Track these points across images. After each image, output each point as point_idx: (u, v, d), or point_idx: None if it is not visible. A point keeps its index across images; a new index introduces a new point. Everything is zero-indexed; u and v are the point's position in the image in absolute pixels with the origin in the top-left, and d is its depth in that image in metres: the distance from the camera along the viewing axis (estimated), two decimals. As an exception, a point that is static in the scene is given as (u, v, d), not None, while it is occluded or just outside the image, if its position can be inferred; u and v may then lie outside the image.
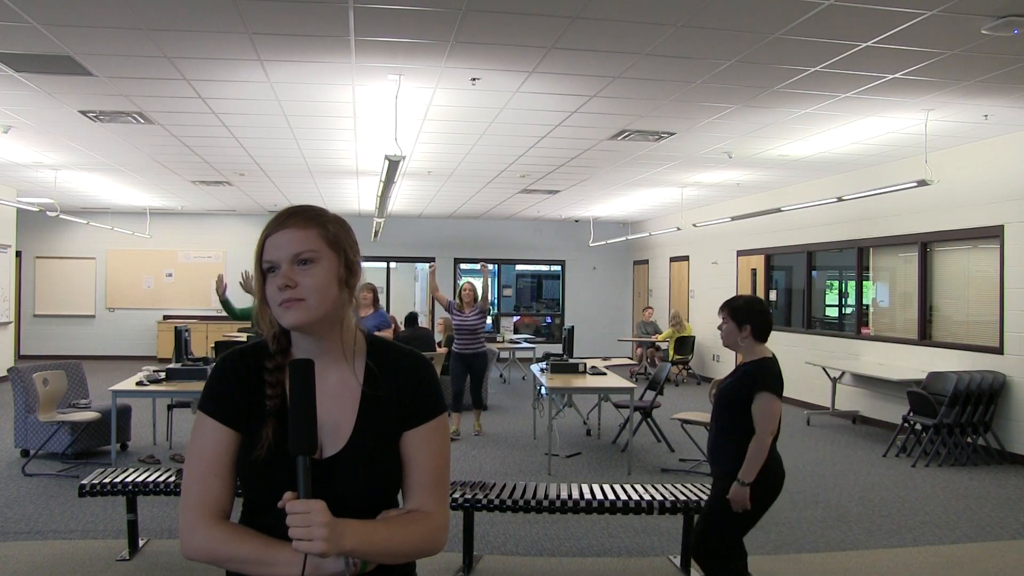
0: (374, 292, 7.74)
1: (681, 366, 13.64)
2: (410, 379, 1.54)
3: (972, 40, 4.68)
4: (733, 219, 11.09)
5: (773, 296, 12.22)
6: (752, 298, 3.65)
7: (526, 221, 16.85)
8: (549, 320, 18.41)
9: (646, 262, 17.02)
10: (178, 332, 8.00)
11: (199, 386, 5.84)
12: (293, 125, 7.45)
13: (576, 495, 4.37)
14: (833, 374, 9.64)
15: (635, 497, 4.34)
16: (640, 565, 4.66)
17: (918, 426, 7.67)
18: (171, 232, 16.12)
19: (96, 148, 8.67)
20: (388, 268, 17.49)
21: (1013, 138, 7.35)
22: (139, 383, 6.78)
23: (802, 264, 11.22)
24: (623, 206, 13.87)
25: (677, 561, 4.61)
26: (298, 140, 8.18)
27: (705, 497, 4.17)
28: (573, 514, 4.37)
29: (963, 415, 7.30)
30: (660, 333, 14.47)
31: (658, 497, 4.34)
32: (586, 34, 4.77)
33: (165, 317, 16.11)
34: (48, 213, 11.13)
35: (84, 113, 6.94)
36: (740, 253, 12.71)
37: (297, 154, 8.98)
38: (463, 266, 17.52)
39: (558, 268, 17.95)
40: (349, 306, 1.52)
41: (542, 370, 7.92)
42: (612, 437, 8.32)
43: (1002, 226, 7.47)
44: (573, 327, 9.31)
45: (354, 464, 1.47)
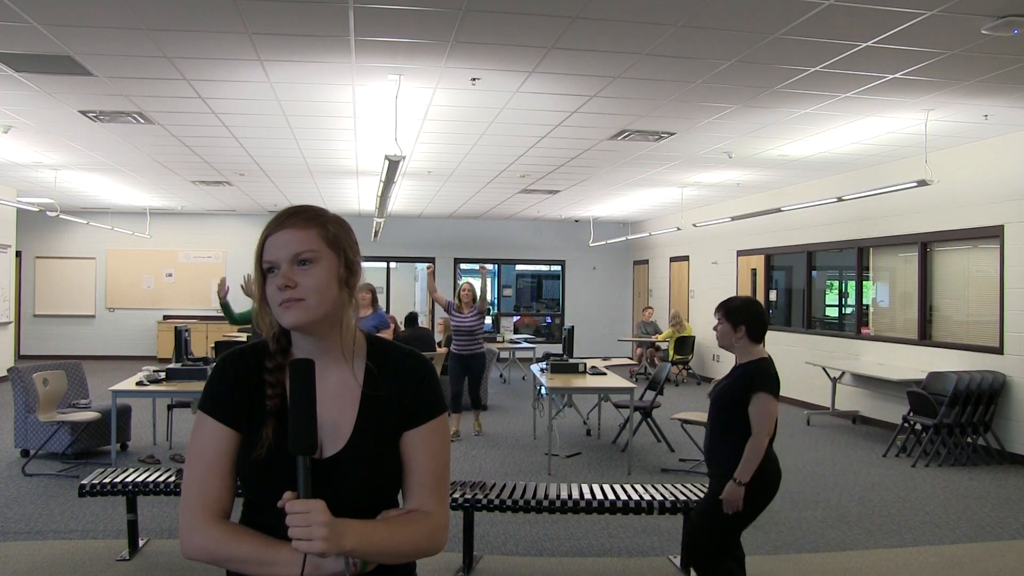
0: (373, 293, 7.72)
1: (681, 366, 13.64)
2: (410, 379, 1.54)
3: (972, 40, 4.69)
4: (733, 219, 11.09)
5: (773, 296, 12.21)
6: (747, 299, 3.67)
7: (526, 221, 16.85)
8: (549, 320, 18.41)
9: (646, 262, 17.02)
10: (178, 332, 8.01)
11: (199, 386, 5.85)
12: (293, 125, 7.45)
13: (576, 495, 4.37)
14: (833, 374, 9.64)
15: (635, 497, 4.34)
16: (640, 565, 4.66)
17: (918, 426, 7.67)
18: (171, 232, 16.13)
19: (96, 148, 8.67)
20: (388, 268, 17.49)
21: (1013, 138, 7.35)
22: (139, 383, 6.78)
23: (802, 264, 11.21)
24: (623, 206, 13.87)
25: (677, 561, 4.61)
26: (298, 140, 8.18)
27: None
28: (573, 514, 4.38)
29: (963, 415, 7.30)
30: (660, 333, 14.47)
31: (658, 497, 4.34)
32: (586, 34, 4.77)
33: (165, 317, 16.12)
34: (48, 213, 11.13)
35: (84, 113, 6.94)
36: (740, 253, 12.71)
37: (297, 154, 8.98)
38: (463, 266, 17.52)
39: (558, 268, 17.95)
40: (349, 306, 1.52)
41: (542, 370, 7.92)
42: (612, 437, 8.32)
43: (1002, 226, 7.48)
44: (573, 327, 9.31)
45: (354, 464, 1.47)
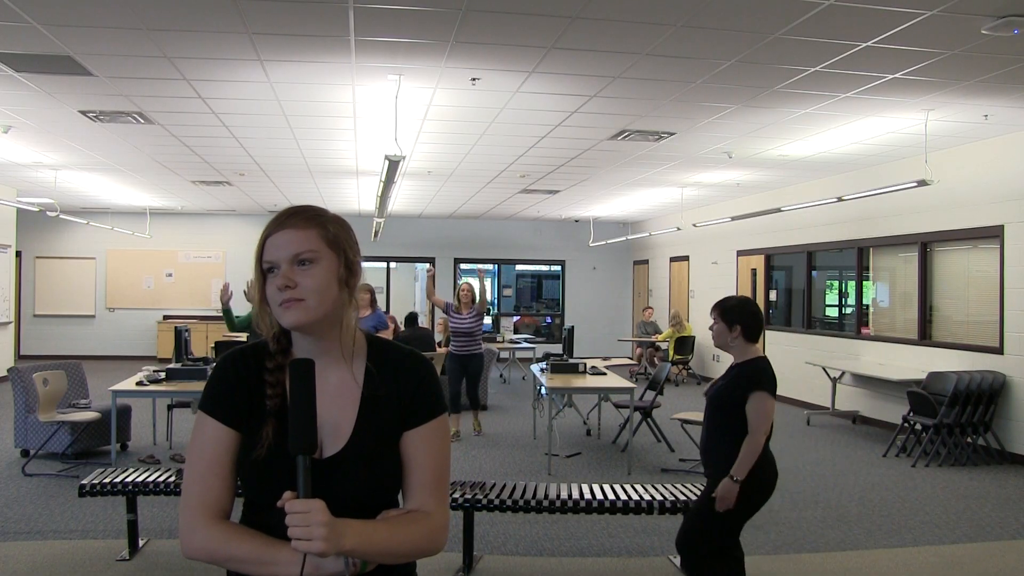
0: (371, 293, 7.72)
1: (681, 366, 13.64)
2: (410, 379, 1.54)
3: (972, 40, 4.69)
4: (733, 219, 11.09)
5: (773, 296, 12.21)
6: (743, 299, 3.68)
7: (526, 221, 16.85)
8: (549, 320, 18.41)
9: (646, 262, 17.02)
10: (178, 332, 8.00)
11: (199, 386, 5.85)
12: (293, 125, 7.45)
13: (576, 495, 4.37)
14: (833, 374, 9.64)
15: (635, 497, 4.34)
16: (640, 565, 4.66)
17: (918, 426, 7.67)
18: (171, 232, 16.13)
19: (96, 148, 8.67)
20: (388, 268, 17.49)
21: (1013, 138, 7.35)
22: (139, 383, 6.78)
23: (802, 264, 11.21)
24: (623, 206, 13.87)
25: (677, 561, 4.60)
26: (298, 140, 8.18)
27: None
28: (573, 514, 4.37)
29: (963, 415, 7.30)
30: (660, 333, 14.47)
31: (658, 497, 4.34)
32: (586, 34, 4.77)
33: (165, 317, 16.12)
34: (48, 213, 11.13)
35: (84, 113, 6.94)
36: (740, 253, 12.71)
37: (297, 154, 8.98)
38: (463, 266, 17.52)
39: (558, 268, 17.95)
40: (349, 306, 1.52)
41: (542, 370, 7.91)
42: (612, 437, 8.32)
43: (1002, 226, 7.48)
44: (573, 327, 9.31)
45: (354, 464, 1.47)
